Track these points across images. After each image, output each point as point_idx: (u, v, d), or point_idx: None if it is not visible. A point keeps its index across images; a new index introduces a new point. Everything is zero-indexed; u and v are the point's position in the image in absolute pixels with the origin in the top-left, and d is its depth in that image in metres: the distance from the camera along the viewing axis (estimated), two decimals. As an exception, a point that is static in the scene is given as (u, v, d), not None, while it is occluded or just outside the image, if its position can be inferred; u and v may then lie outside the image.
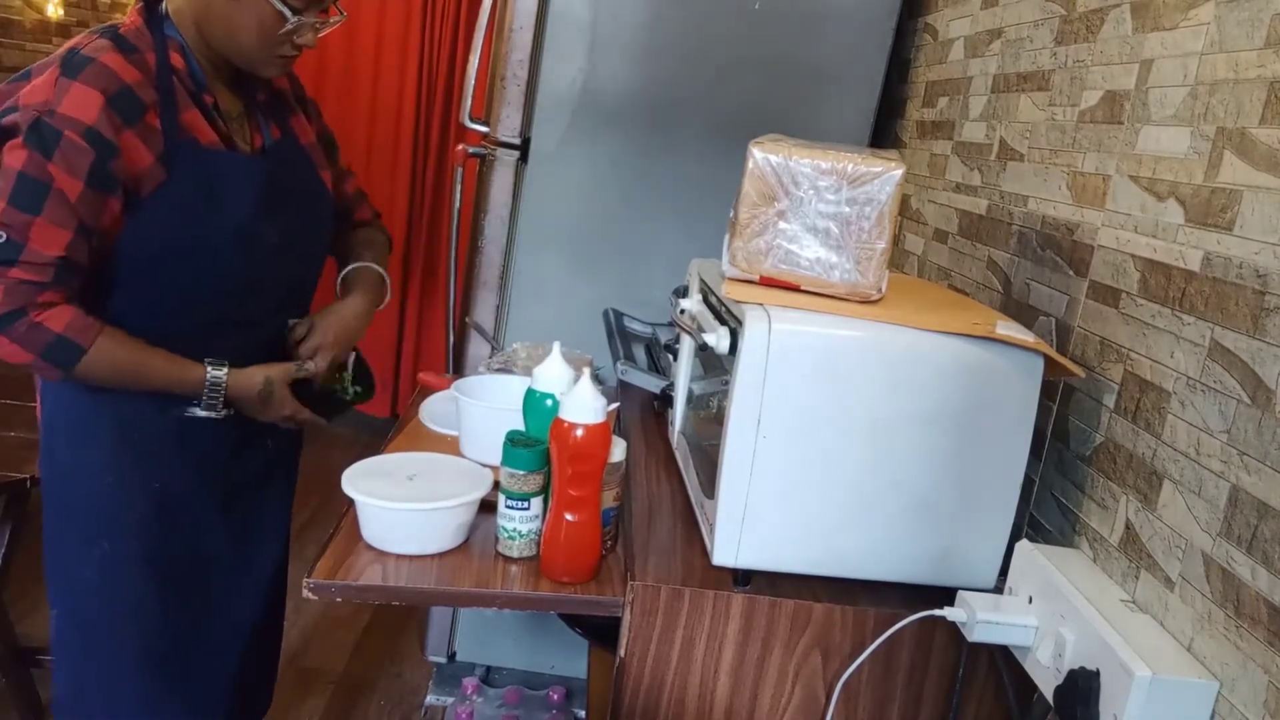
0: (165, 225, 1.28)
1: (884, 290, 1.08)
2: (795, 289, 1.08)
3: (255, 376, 1.38)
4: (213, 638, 1.49)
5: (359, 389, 1.56)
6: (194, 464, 1.42)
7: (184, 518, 1.42)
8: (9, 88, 1.22)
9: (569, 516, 1.09)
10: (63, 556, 1.39)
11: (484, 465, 1.24)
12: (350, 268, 1.56)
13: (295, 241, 1.44)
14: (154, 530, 1.38)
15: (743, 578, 1.08)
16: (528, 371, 1.48)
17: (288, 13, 1.28)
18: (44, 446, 1.38)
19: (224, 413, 1.37)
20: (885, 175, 1.05)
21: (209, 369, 1.34)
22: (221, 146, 1.33)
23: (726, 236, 1.12)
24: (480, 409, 1.34)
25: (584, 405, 1.06)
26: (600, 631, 1.50)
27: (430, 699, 2.12)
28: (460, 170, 2.14)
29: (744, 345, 1.01)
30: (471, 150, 2.03)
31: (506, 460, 1.13)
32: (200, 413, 1.36)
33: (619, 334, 1.75)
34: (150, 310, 1.30)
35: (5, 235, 1.18)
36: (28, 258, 1.19)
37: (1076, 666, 0.89)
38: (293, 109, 1.49)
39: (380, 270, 1.59)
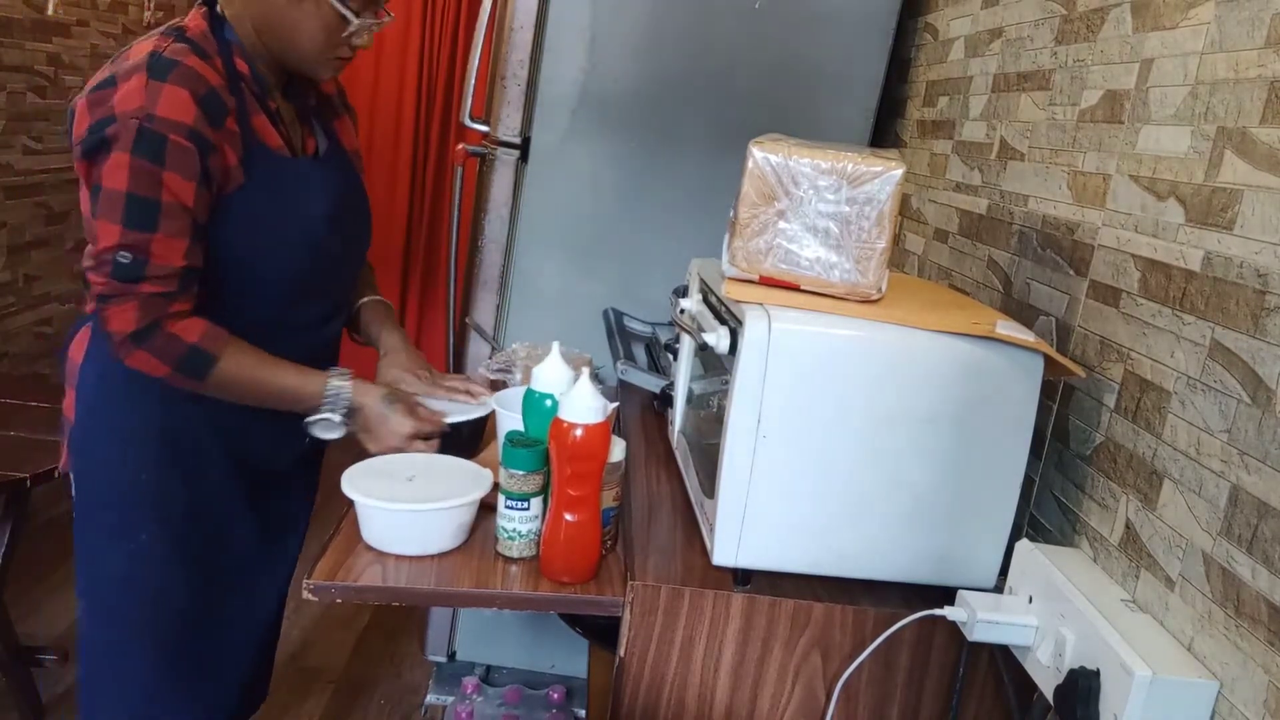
0: (241, 229, 1.28)
1: (884, 290, 1.08)
2: (795, 289, 1.08)
3: (376, 387, 1.36)
4: (228, 632, 1.48)
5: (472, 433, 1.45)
6: (232, 460, 1.41)
7: (216, 512, 1.41)
8: (97, 96, 1.20)
9: (569, 516, 1.09)
10: (93, 548, 1.37)
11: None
12: (369, 300, 1.56)
13: (350, 248, 1.45)
14: (187, 524, 1.38)
15: (743, 577, 1.08)
16: (528, 372, 1.46)
17: (350, 15, 1.29)
18: (78, 441, 1.36)
19: (344, 429, 1.33)
20: (885, 175, 1.05)
21: (331, 377, 1.33)
22: (287, 152, 1.34)
23: (726, 236, 1.12)
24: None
25: (584, 405, 1.06)
26: (600, 631, 1.50)
27: (430, 699, 2.12)
28: (460, 170, 2.14)
29: (744, 345, 1.01)
30: (471, 150, 2.03)
31: (506, 460, 1.13)
32: (319, 433, 1.33)
33: (619, 333, 1.75)
34: (209, 310, 1.28)
35: (129, 256, 1.19)
36: (153, 272, 1.20)
37: (1077, 666, 0.89)
38: (339, 114, 1.50)
39: (388, 304, 1.61)
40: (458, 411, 1.41)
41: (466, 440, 1.41)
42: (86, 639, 1.41)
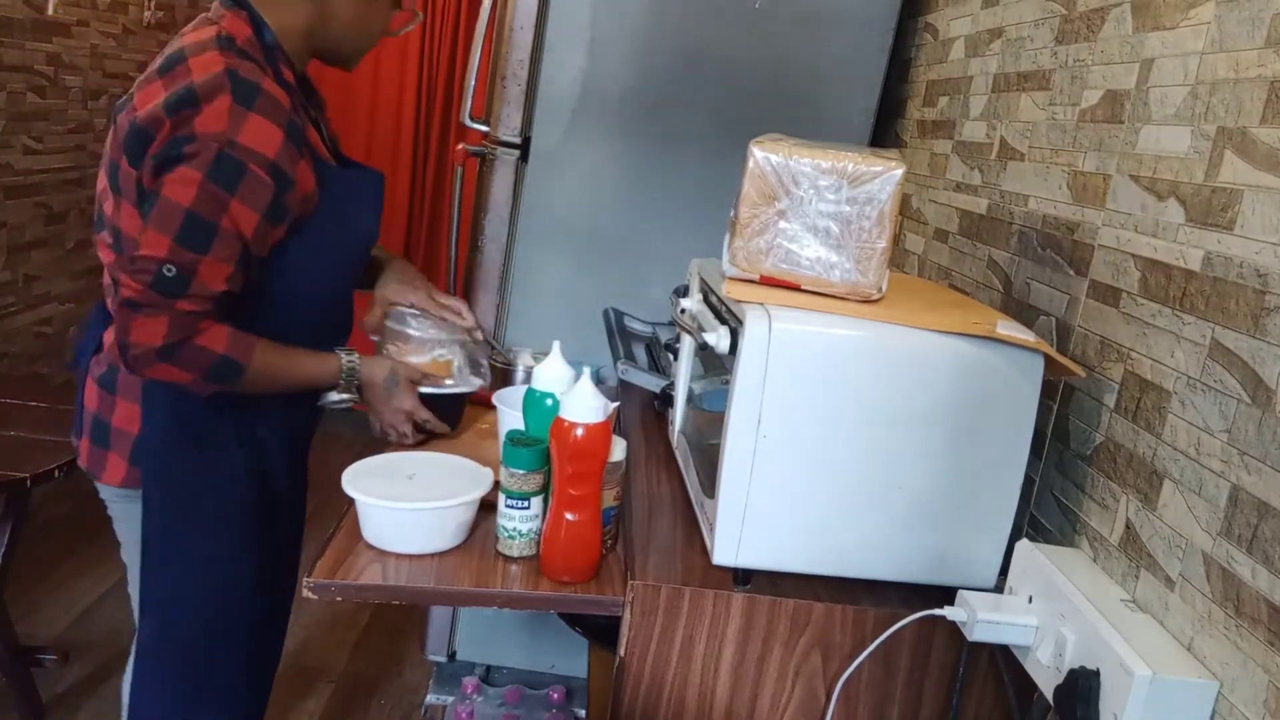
0: (307, 246, 1.30)
1: (884, 290, 1.08)
2: (796, 288, 1.08)
3: (382, 365, 1.43)
4: (277, 624, 1.56)
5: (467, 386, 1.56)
6: (292, 460, 1.46)
7: (281, 511, 1.45)
8: (182, 116, 1.18)
9: (569, 516, 1.09)
10: (166, 551, 1.36)
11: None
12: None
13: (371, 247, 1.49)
14: (262, 525, 1.41)
15: (743, 577, 1.08)
16: (528, 371, 1.47)
17: (418, 13, 1.38)
18: (150, 451, 1.34)
19: (355, 398, 1.41)
20: (885, 175, 1.05)
21: (343, 356, 1.39)
22: (332, 162, 1.36)
23: (727, 236, 1.12)
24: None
25: (584, 404, 1.06)
26: (600, 631, 1.50)
27: (430, 698, 2.12)
28: (460, 170, 2.14)
29: (744, 345, 1.01)
30: (471, 150, 2.03)
31: (507, 459, 1.13)
32: (333, 399, 1.41)
33: (619, 333, 1.75)
34: (253, 313, 1.30)
35: (174, 270, 1.18)
36: (195, 291, 1.20)
37: (1077, 666, 0.89)
38: (323, 103, 1.50)
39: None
40: (455, 380, 1.54)
41: (446, 412, 1.50)
42: (156, 640, 1.40)
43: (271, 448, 1.40)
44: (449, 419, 1.51)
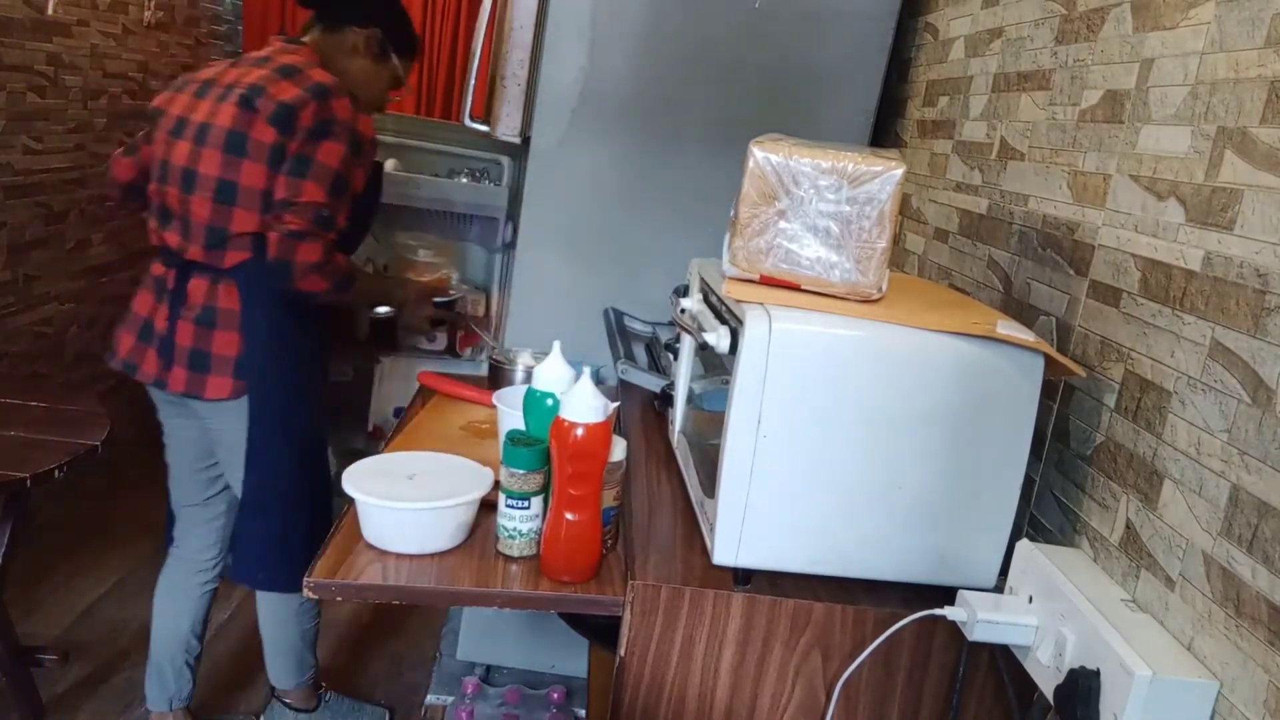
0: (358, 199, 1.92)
1: (884, 289, 1.08)
2: (796, 288, 1.08)
3: (410, 285, 2.43)
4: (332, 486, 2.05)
5: None
6: (329, 331, 2.09)
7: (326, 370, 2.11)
8: (325, 104, 1.75)
9: (569, 516, 1.09)
10: (271, 434, 1.87)
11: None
12: None
13: None
14: (320, 411, 2.00)
15: (743, 577, 1.08)
16: (528, 371, 1.47)
17: (408, 88, 2.10)
18: (250, 363, 1.83)
19: (394, 310, 2.28)
20: (886, 174, 1.05)
21: (388, 278, 2.46)
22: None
23: (727, 236, 1.12)
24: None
25: (584, 404, 1.06)
26: (600, 631, 1.50)
27: (430, 699, 2.11)
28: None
29: (744, 344, 1.01)
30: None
31: (507, 459, 1.13)
32: (381, 311, 2.28)
33: (619, 333, 1.75)
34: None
35: (327, 211, 1.75)
36: (335, 225, 1.77)
37: (1077, 666, 0.89)
38: None
39: None
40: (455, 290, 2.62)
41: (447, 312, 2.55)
42: (265, 505, 1.92)
43: (322, 359, 2.04)
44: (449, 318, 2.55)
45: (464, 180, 2.84)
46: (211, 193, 1.76)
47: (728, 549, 1.07)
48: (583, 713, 2.01)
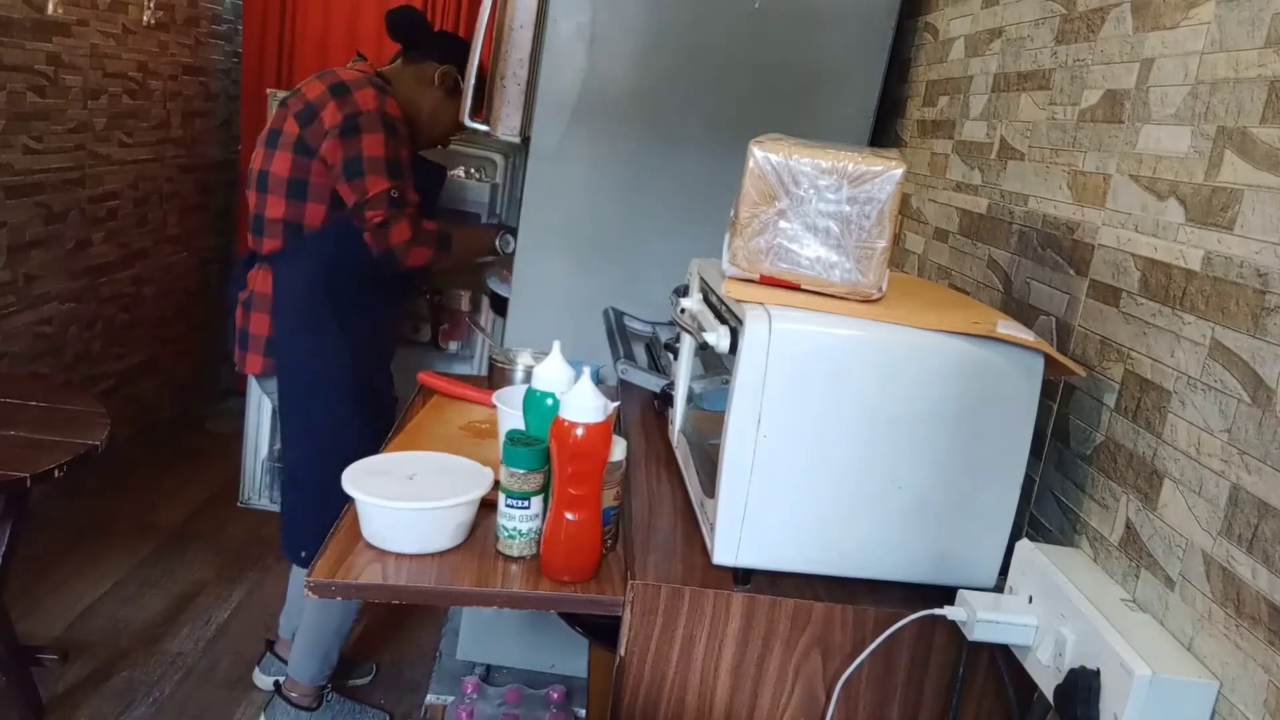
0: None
1: (884, 289, 1.08)
2: (796, 288, 1.08)
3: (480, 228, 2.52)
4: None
5: None
6: (382, 339, 2.22)
7: (370, 382, 2.15)
8: (347, 99, 1.97)
9: (569, 515, 1.09)
10: (300, 414, 2.07)
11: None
12: None
13: None
14: (361, 391, 2.11)
15: (743, 577, 1.08)
16: (528, 371, 1.47)
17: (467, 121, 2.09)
18: (283, 343, 2.04)
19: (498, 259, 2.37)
20: (885, 174, 1.05)
21: (488, 230, 2.40)
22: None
23: (727, 235, 1.12)
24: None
25: (584, 404, 1.06)
26: (600, 630, 1.50)
27: (430, 698, 2.12)
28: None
29: (744, 344, 1.01)
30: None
31: (507, 459, 1.13)
32: (501, 290, 2.29)
33: (619, 333, 1.74)
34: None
35: (396, 194, 1.98)
36: (408, 200, 2.01)
37: (1077, 665, 0.89)
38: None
39: None
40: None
41: None
42: (296, 480, 2.13)
43: (360, 343, 2.09)
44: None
45: (459, 175, 2.89)
46: (255, 185, 2.04)
47: (728, 549, 1.07)
48: (583, 712, 2.01)
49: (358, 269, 2.05)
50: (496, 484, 1.17)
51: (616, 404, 1.13)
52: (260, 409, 3.19)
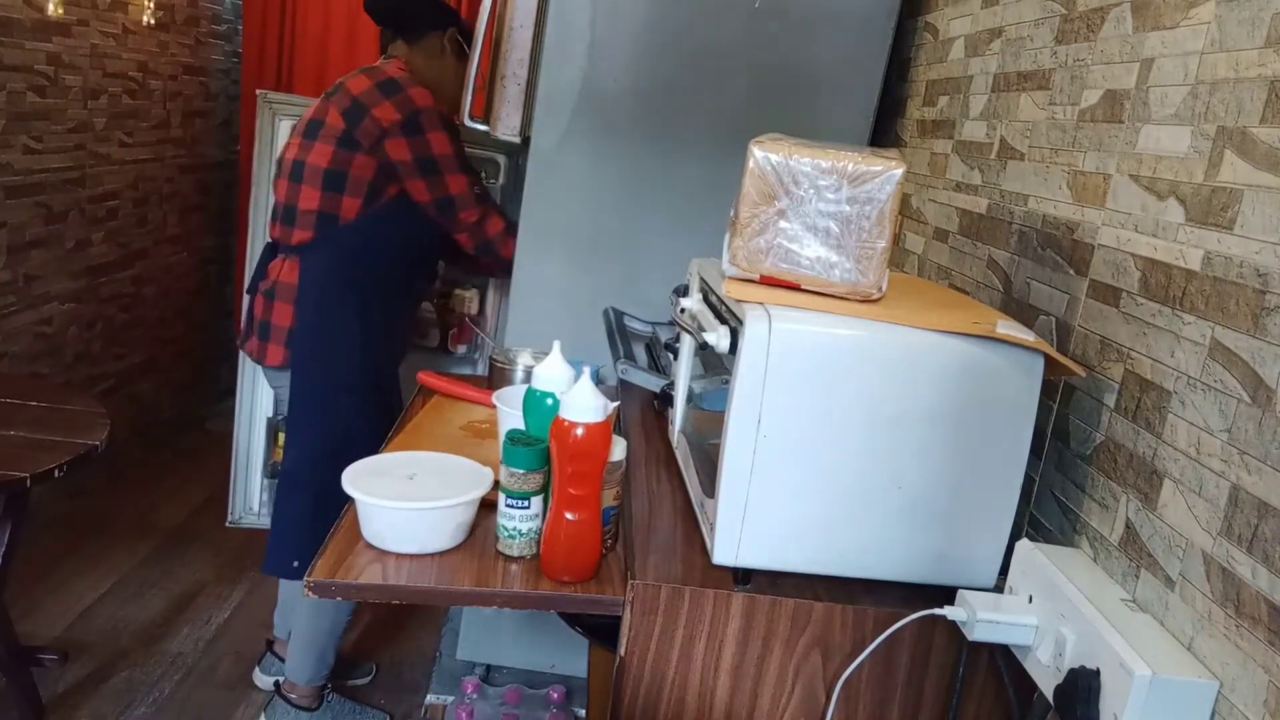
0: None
1: (884, 289, 1.08)
2: (796, 288, 1.08)
3: None
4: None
5: None
6: (396, 339, 2.20)
7: (380, 380, 2.13)
8: (402, 97, 1.96)
9: (569, 515, 1.09)
10: (308, 408, 2.04)
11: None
12: None
13: None
14: (379, 384, 2.10)
15: (743, 577, 1.08)
16: (528, 371, 1.47)
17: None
18: (301, 337, 2.02)
19: None
20: (885, 174, 1.05)
21: None
22: None
23: (727, 235, 1.12)
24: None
25: (584, 404, 1.06)
26: (600, 630, 1.50)
27: (430, 698, 2.11)
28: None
29: (744, 344, 1.01)
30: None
31: (507, 459, 1.13)
32: None
33: (619, 333, 1.74)
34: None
35: (478, 189, 2.04)
36: (490, 193, 2.07)
37: (1077, 665, 0.89)
38: None
39: None
40: None
41: None
42: (296, 481, 2.06)
43: (375, 341, 2.07)
44: None
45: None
46: (289, 174, 2.01)
47: (728, 549, 1.07)
48: (583, 712, 2.01)
49: (385, 265, 2.05)
50: (496, 484, 1.17)
51: (616, 404, 1.13)
52: (252, 419, 3.05)
